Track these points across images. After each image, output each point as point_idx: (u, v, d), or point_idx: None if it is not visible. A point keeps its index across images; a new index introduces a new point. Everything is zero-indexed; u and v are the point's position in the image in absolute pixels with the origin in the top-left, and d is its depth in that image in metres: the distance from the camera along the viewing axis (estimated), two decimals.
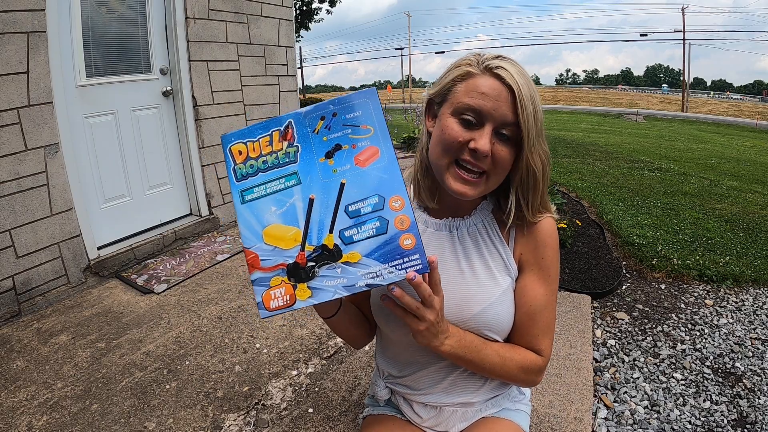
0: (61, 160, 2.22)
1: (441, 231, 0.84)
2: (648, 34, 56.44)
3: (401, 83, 53.22)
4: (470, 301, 0.79)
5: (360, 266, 0.62)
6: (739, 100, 46.34)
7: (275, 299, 0.64)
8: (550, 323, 0.82)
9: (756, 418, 1.51)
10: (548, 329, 0.82)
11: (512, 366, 0.78)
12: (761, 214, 3.64)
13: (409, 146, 6.77)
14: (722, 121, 25.58)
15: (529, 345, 0.81)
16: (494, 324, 0.79)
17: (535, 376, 0.82)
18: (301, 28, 14.96)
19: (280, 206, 0.64)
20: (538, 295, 0.80)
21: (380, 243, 0.61)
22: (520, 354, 0.80)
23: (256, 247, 0.65)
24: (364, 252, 0.61)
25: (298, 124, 0.64)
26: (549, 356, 0.83)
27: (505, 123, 0.70)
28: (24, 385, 1.58)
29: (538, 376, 0.83)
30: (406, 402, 0.94)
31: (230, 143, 0.67)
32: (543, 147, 0.74)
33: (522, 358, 0.80)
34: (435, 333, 0.69)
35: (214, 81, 3.11)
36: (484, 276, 0.80)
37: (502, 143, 0.71)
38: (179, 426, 1.37)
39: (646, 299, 2.32)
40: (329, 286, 0.62)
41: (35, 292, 2.15)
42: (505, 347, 0.79)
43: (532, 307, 0.80)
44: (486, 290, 0.79)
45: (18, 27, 2.00)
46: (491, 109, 0.69)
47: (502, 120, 0.70)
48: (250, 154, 0.66)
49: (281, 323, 1.93)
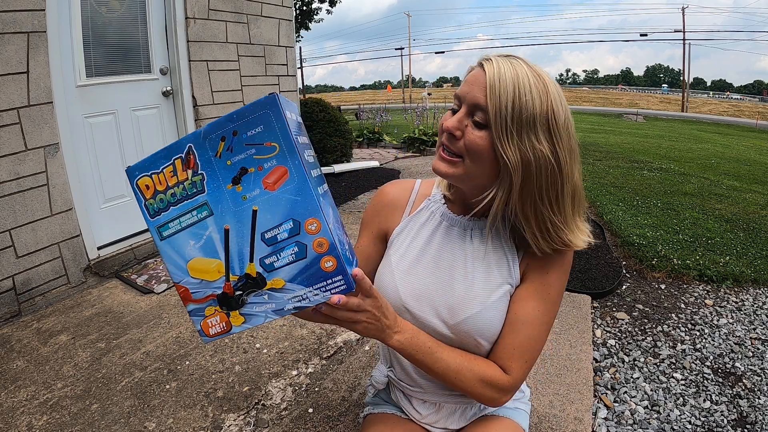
0: (61, 160, 2.22)
1: (454, 227, 0.83)
2: (648, 34, 56.53)
3: (401, 83, 53.25)
4: (463, 305, 0.78)
5: (286, 291, 0.61)
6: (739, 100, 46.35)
7: (213, 327, 0.65)
8: (532, 346, 0.76)
9: (756, 418, 1.51)
10: (526, 351, 0.76)
11: (469, 376, 0.74)
12: (761, 214, 3.64)
13: (410, 146, 6.77)
14: (722, 121, 25.59)
15: (500, 359, 0.77)
16: (486, 330, 0.77)
17: (497, 393, 0.76)
18: (301, 28, 14.96)
19: (198, 240, 0.62)
20: (527, 308, 0.77)
21: (301, 268, 0.59)
22: (481, 366, 0.76)
23: (184, 281, 0.64)
24: (287, 278, 0.60)
25: (199, 148, 0.59)
26: (518, 380, 0.76)
27: (475, 105, 0.69)
28: (24, 385, 1.58)
29: (502, 396, 0.77)
30: (405, 398, 0.95)
31: (135, 178, 0.64)
32: (530, 144, 0.68)
33: (482, 370, 0.75)
34: (379, 329, 0.69)
35: (214, 81, 3.11)
36: (483, 281, 0.78)
37: (477, 129, 0.70)
38: (179, 426, 1.37)
39: (646, 299, 2.32)
40: (260, 311, 0.62)
41: (35, 292, 2.15)
42: (466, 356, 0.76)
43: (517, 318, 0.77)
44: (481, 295, 0.78)
45: (18, 27, 2.00)
46: (466, 93, 0.71)
47: (473, 102, 0.69)
48: (157, 188, 0.63)
49: (281, 323, 1.93)
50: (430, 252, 0.82)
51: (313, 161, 0.63)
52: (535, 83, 0.67)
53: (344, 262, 0.59)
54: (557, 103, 0.69)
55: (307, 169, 0.58)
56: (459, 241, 0.82)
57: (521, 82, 0.67)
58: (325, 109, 5.08)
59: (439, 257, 0.82)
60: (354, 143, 6.43)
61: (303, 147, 0.59)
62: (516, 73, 0.67)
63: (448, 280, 0.80)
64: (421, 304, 0.80)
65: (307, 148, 0.62)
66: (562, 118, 0.69)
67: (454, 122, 0.71)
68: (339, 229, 0.64)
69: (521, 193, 0.71)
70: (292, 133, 0.56)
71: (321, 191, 0.61)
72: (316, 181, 0.60)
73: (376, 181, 4.52)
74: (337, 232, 0.61)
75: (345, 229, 0.68)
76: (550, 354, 1.69)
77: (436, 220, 0.84)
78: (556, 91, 0.69)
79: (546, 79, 0.69)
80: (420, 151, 6.57)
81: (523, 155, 0.68)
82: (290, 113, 0.58)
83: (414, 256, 0.83)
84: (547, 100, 0.68)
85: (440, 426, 0.92)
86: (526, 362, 0.76)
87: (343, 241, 0.64)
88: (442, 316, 0.79)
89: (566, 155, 0.70)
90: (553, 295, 0.78)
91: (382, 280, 0.85)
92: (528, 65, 0.69)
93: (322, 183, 0.65)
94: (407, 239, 0.86)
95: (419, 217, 0.86)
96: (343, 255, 0.59)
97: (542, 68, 0.71)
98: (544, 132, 0.69)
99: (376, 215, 0.92)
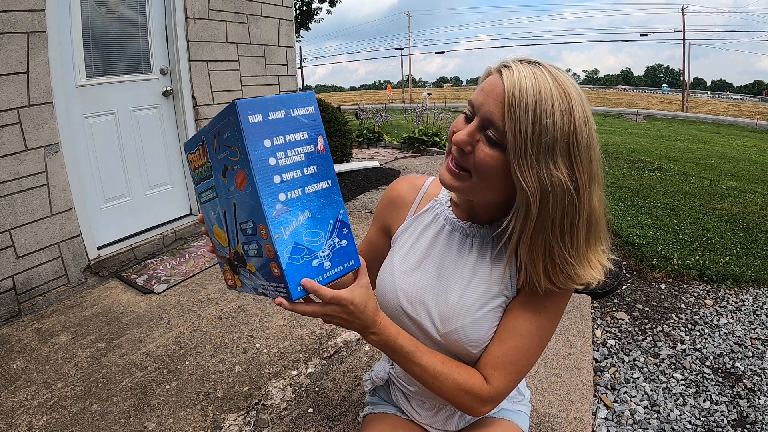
0: (61, 160, 2.22)
1: (456, 232, 0.81)
2: (648, 34, 56.53)
3: (401, 83, 53.22)
4: (454, 315, 0.76)
5: (257, 277, 0.67)
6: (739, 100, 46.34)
7: (228, 280, 0.79)
8: (518, 358, 0.72)
9: (756, 418, 1.51)
10: (511, 363, 0.72)
11: (448, 383, 0.71)
12: (761, 214, 3.64)
13: (410, 146, 6.77)
14: (722, 121, 25.56)
15: (483, 368, 0.73)
16: (475, 340, 0.74)
17: (475, 403, 0.72)
18: (301, 28, 14.96)
19: (214, 212, 0.73)
20: (518, 319, 0.73)
21: (261, 263, 0.63)
22: (462, 374, 0.72)
23: (212, 239, 0.79)
24: (256, 266, 0.65)
25: (207, 139, 0.65)
26: (498, 392, 0.72)
27: (490, 121, 0.63)
28: (24, 385, 1.58)
29: (480, 406, 0.72)
30: (405, 398, 0.95)
31: (186, 152, 0.77)
32: (548, 171, 0.61)
33: (463, 379, 0.72)
34: (355, 328, 0.68)
35: (214, 81, 3.11)
36: (478, 292, 0.76)
37: (489, 146, 0.64)
38: (179, 426, 1.37)
39: (646, 299, 2.32)
40: (248, 284, 0.71)
41: (35, 292, 2.15)
42: (448, 363, 0.73)
43: (505, 328, 0.73)
44: (473, 306, 0.75)
45: (18, 27, 2.00)
46: (481, 103, 0.64)
47: (488, 116, 0.63)
48: (195, 164, 0.74)
49: (281, 323, 1.93)
50: (431, 257, 0.82)
51: (290, 164, 0.60)
52: (558, 101, 0.60)
53: (285, 273, 0.59)
54: (580, 123, 0.62)
55: (265, 176, 0.57)
56: (459, 248, 0.80)
57: (544, 99, 0.60)
58: (325, 109, 5.09)
59: (438, 263, 0.81)
60: (354, 143, 6.42)
61: (267, 151, 0.57)
62: (538, 88, 0.60)
63: (443, 288, 0.79)
64: (416, 308, 0.80)
65: (282, 149, 0.59)
66: (584, 139, 0.62)
67: (465, 136, 0.65)
68: (311, 235, 0.61)
69: (536, 225, 0.65)
70: (247, 140, 0.56)
71: (288, 197, 0.59)
72: (284, 185, 0.59)
73: (376, 181, 4.52)
74: (299, 240, 0.60)
75: (338, 231, 0.65)
76: (550, 354, 1.69)
77: (439, 223, 0.83)
78: (581, 105, 0.62)
79: (571, 92, 0.62)
80: (420, 151, 6.57)
81: (542, 183, 0.62)
82: (257, 116, 0.57)
83: (415, 259, 0.82)
84: (570, 121, 0.61)
85: (439, 427, 0.92)
86: (510, 375, 0.72)
87: (315, 248, 0.62)
88: (435, 323, 0.78)
89: (586, 181, 0.64)
90: (551, 309, 0.73)
91: (383, 279, 0.85)
92: (552, 76, 0.62)
93: (308, 183, 0.61)
94: (410, 239, 0.85)
95: (423, 218, 0.85)
96: (287, 266, 0.59)
97: (565, 74, 0.64)
98: (564, 156, 0.62)
99: (384, 209, 0.93)
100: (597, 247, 0.70)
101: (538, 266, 0.68)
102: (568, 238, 0.66)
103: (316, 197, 0.62)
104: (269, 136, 0.58)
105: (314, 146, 0.62)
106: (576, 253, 0.67)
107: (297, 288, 0.60)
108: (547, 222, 0.64)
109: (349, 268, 0.66)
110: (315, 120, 0.63)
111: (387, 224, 0.92)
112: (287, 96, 0.60)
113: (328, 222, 0.63)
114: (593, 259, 0.69)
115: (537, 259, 0.67)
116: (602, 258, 0.70)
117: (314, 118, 0.62)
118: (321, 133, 0.63)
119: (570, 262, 0.67)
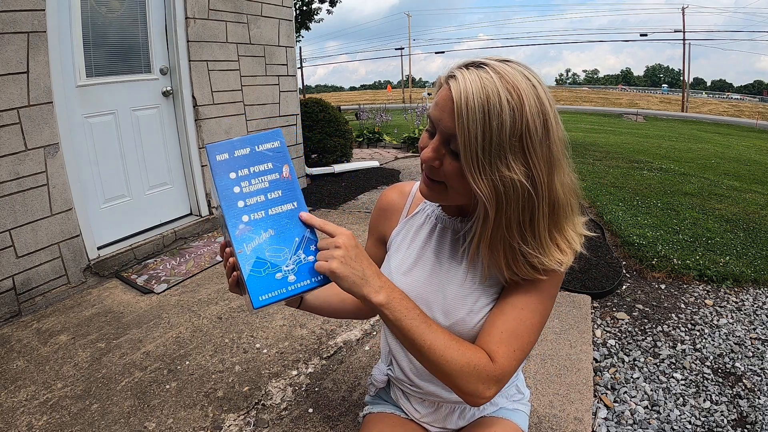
0: (61, 160, 2.22)
1: (448, 229, 0.83)
2: (648, 34, 56.41)
3: (401, 83, 53.22)
4: (456, 306, 0.78)
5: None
6: (739, 100, 46.32)
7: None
8: (521, 331, 0.70)
9: (756, 418, 1.51)
10: (514, 336, 0.70)
11: (457, 357, 0.66)
12: (761, 214, 3.64)
13: (410, 146, 6.77)
14: (722, 121, 25.57)
15: (486, 343, 0.71)
16: (477, 332, 0.75)
17: (482, 384, 0.67)
18: (301, 28, 14.95)
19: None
20: (518, 291, 0.73)
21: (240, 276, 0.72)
22: (470, 349, 0.68)
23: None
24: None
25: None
26: (504, 370, 0.68)
27: (449, 135, 0.64)
28: (24, 385, 1.58)
29: (486, 389, 0.67)
30: (404, 396, 0.95)
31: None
32: (499, 173, 0.62)
33: (472, 353, 0.67)
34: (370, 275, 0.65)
35: (214, 81, 3.11)
36: (477, 280, 0.78)
37: (455, 159, 0.65)
38: (179, 426, 1.37)
39: (646, 299, 2.32)
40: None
41: (35, 292, 2.15)
42: (457, 338, 0.69)
43: (506, 300, 0.73)
44: (473, 295, 0.77)
45: (18, 27, 2.00)
46: (438, 118, 0.66)
47: (446, 131, 0.64)
48: None
49: (281, 323, 1.93)
50: (426, 255, 0.83)
51: (253, 190, 0.68)
52: (507, 98, 0.60)
53: (247, 283, 0.64)
54: (533, 116, 0.61)
55: (229, 201, 0.67)
56: (453, 243, 0.82)
57: (491, 102, 0.59)
58: (325, 109, 5.08)
59: (434, 259, 0.82)
60: (354, 143, 6.42)
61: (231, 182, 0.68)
62: (486, 92, 0.60)
63: (441, 283, 0.80)
64: (419, 305, 0.80)
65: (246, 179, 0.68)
66: (539, 130, 0.62)
67: (431, 153, 0.67)
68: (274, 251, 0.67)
69: (494, 227, 0.66)
70: (215, 174, 0.67)
71: (252, 218, 0.67)
72: (247, 209, 0.67)
73: (376, 181, 4.52)
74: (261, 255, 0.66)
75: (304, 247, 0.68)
76: (550, 354, 1.69)
77: (431, 222, 0.85)
78: (533, 96, 0.61)
79: (521, 86, 0.61)
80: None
81: (496, 188, 0.63)
82: (223, 155, 0.68)
83: (412, 260, 0.84)
84: (522, 116, 0.60)
85: (439, 426, 0.92)
86: (515, 351, 0.69)
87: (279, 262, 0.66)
88: (438, 318, 0.79)
89: (544, 173, 0.64)
90: (547, 286, 0.73)
91: None
92: (499, 75, 0.61)
93: (272, 206, 0.68)
94: (405, 241, 0.87)
95: (415, 220, 0.87)
96: (248, 278, 0.65)
97: (515, 66, 0.63)
98: (517, 154, 0.62)
99: (376, 220, 0.95)
100: (565, 228, 0.71)
101: (499, 262, 0.70)
102: (528, 234, 0.67)
103: (280, 218, 0.69)
104: (234, 169, 0.68)
105: (279, 174, 0.71)
106: (538, 244, 0.68)
107: (258, 298, 0.64)
108: (503, 223, 0.66)
109: (318, 282, 0.67)
110: (281, 152, 0.71)
111: (382, 233, 0.94)
112: (254, 135, 0.71)
113: (292, 239, 0.68)
114: (561, 243, 0.70)
115: (498, 256, 0.70)
116: (572, 236, 0.71)
117: (280, 151, 0.71)
118: (286, 162, 0.71)
119: (532, 254, 0.68)
